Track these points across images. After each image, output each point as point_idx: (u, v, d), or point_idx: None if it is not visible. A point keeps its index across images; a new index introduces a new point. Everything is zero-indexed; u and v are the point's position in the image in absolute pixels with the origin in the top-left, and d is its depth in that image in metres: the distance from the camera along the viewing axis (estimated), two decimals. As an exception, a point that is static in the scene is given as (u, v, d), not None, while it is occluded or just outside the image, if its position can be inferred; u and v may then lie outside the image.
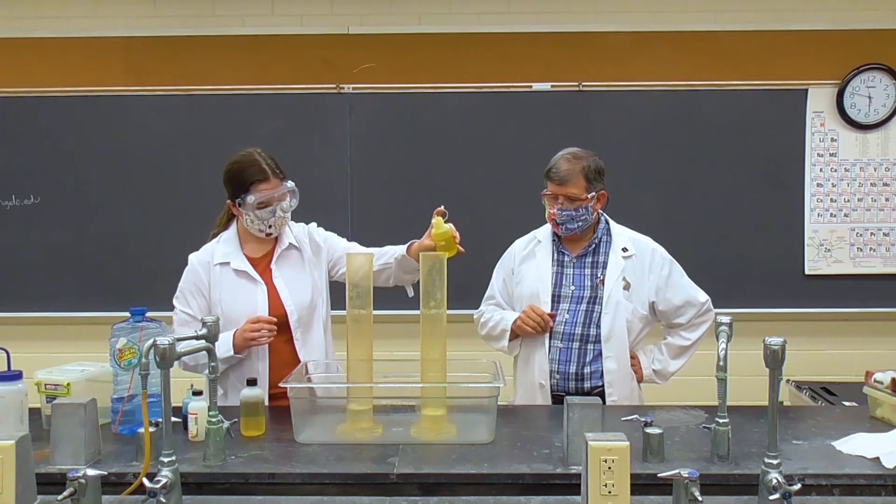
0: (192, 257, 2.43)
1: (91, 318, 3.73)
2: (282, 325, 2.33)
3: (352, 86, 3.79)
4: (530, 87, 3.78)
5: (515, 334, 2.51)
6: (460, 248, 2.26)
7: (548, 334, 2.46)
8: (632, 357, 2.50)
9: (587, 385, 2.43)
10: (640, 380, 2.53)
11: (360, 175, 3.80)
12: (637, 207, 3.71)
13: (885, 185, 3.81)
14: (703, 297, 2.53)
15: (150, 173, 3.80)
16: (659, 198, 3.78)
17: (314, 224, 2.55)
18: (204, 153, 3.75)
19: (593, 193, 2.43)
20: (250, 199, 2.29)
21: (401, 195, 3.80)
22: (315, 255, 2.48)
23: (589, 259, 2.50)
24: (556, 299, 2.48)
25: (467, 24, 3.81)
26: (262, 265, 2.42)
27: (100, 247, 3.81)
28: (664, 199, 3.78)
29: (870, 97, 3.77)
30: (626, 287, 2.45)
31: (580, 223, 2.45)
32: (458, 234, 2.25)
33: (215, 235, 2.50)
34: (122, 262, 3.81)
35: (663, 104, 3.77)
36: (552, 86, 3.78)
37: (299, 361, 2.32)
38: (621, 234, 2.54)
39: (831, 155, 3.80)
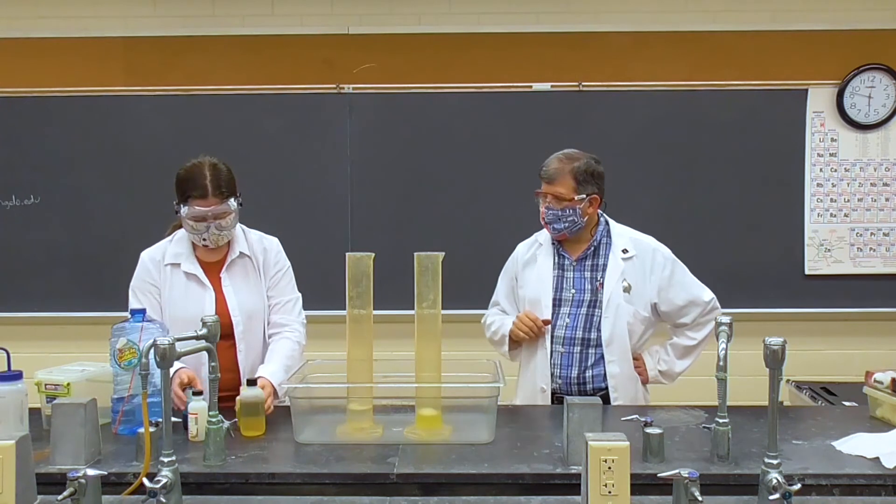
0: (144, 254, 2.44)
1: (91, 318, 3.73)
2: (226, 332, 2.28)
3: (352, 86, 3.79)
4: (530, 87, 3.78)
5: (515, 340, 2.51)
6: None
7: (549, 338, 2.45)
8: (635, 358, 2.49)
9: (589, 388, 2.42)
10: (644, 381, 2.52)
11: (360, 175, 3.80)
12: (637, 207, 3.70)
13: (885, 185, 3.81)
14: (707, 295, 2.48)
15: (150, 173, 3.79)
16: (659, 198, 3.77)
17: (277, 241, 2.52)
18: (204, 153, 3.75)
19: (583, 195, 2.39)
20: (184, 210, 2.29)
21: (401, 195, 3.81)
22: (265, 268, 2.47)
23: (588, 262, 2.49)
24: (556, 303, 2.46)
25: (467, 24, 3.81)
26: (213, 271, 2.41)
27: (100, 247, 3.81)
28: (664, 199, 3.78)
29: (870, 97, 3.76)
30: (627, 289, 2.43)
31: (567, 224, 2.42)
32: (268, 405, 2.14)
33: (173, 230, 2.49)
34: (122, 262, 3.76)
35: (663, 104, 3.76)
36: (552, 86, 3.78)
37: (239, 367, 2.35)
38: (622, 235, 2.51)
39: (831, 155, 3.80)
